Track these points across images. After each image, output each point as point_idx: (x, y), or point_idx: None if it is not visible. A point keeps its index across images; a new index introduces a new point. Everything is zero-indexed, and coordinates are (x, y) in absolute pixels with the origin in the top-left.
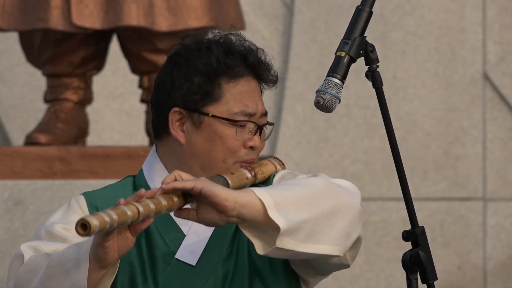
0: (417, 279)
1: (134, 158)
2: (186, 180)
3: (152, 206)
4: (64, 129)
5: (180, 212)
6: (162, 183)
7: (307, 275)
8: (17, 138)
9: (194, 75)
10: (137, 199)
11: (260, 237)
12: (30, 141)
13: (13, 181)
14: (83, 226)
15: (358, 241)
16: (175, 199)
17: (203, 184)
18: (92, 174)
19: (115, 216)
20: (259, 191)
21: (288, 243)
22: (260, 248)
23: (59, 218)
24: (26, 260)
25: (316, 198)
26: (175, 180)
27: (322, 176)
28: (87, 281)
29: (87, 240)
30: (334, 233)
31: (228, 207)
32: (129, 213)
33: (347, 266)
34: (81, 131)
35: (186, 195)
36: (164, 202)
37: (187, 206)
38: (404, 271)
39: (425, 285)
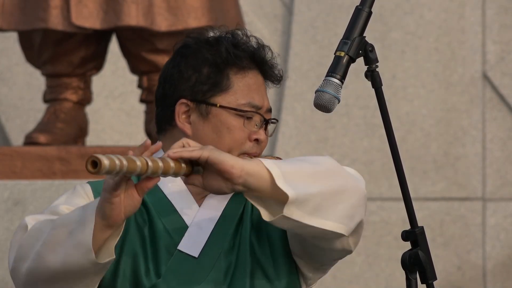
0: (416, 279)
1: None
2: (193, 149)
3: (160, 164)
4: (63, 129)
5: (187, 178)
6: (170, 149)
7: (307, 269)
8: (17, 138)
9: (203, 66)
10: (143, 150)
11: (266, 208)
12: (29, 141)
13: (13, 181)
14: (93, 164)
15: (360, 225)
16: (183, 164)
17: (210, 152)
18: (91, 174)
19: (125, 162)
20: (267, 162)
21: (294, 213)
22: (266, 215)
23: (63, 201)
24: (29, 228)
25: (324, 175)
26: (183, 147)
27: (328, 157)
28: (91, 240)
29: (93, 201)
30: (340, 211)
31: (235, 174)
32: (138, 163)
33: (349, 252)
34: (81, 131)
35: (193, 162)
36: (172, 164)
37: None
38: (404, 271)
39: (425, 285)
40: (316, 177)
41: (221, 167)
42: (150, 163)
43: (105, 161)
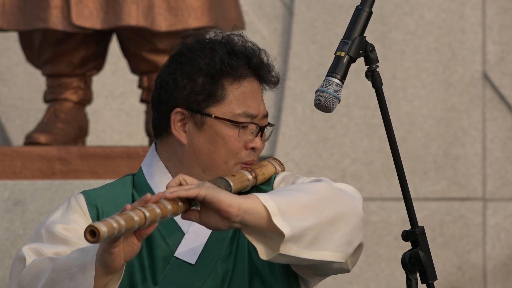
0: (416, 279)
1: (134, 158)
2: (190, 188)
3: (158, 210)
4: (64, 129)
5: (184, 214)
6: (167, 188)
7: (306, 276)
8: (17, 138)
9: (198, 76)
10: (143, 204)
11: (263, 242)
12: (30, 141)
13: (13, 181)
14: (91, 233)
15: (359, 247)
16: (180, 203)
17: (207, 191)
18: (91, 174)
19: (122, 222)
20: (263, 197)
21: (291, 250)
22: (263, 253)
23: (58, 217)
24: (28, 263)
25: (320, 205)
26: (180, 184)
27: (325, 181)
28: (93, 287)
29: (92, 246)
30: (337, 240)
31: (232, 213)
32: (136, 218)
33: (347, 271)
34: (81, 131)
35: (191, 199)
36: (169, 206)
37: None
38: (404, 271)
39: (425, 285)
40: (312, 208)
41: (218, 206)
42: (147, 214)
43: (103, 229)
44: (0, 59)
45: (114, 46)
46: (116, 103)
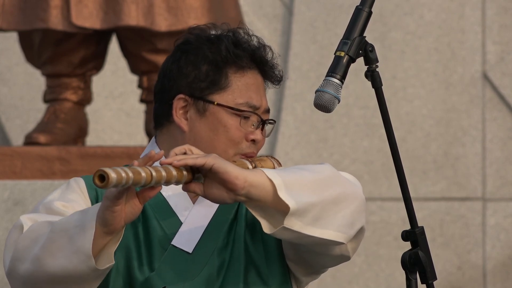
0: (416, 279)
1: (133, 158)
2: (197, 156)
3: (163, 173)
4: (63, 129)
5: (187, 185)
6: (170, 156)
7: (300, 274)
8: (17, 138)
9: (202, 63)
10: (146, 160)
11: (267, 219)
12: (29, 141)
13: (13, 181)
14: (100, 177)
15: (361, 231)
16: (184, 172)
17: (215, 161)
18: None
19: (130, 174)
20: (269, 172)
21: (295, 224)
22: (267, 227)
23: (57, 196)
24: (26, 229)
25: (324, 183)
26: (185, 153)
27: (327, 164)
28: (91, 246)
29: (93, 207)
30: (339, 220)
31: (238, 185)
32: (143, 174)
33: (347, 258)
34: (81, 131)
35: (194, 170)
36: (174, 172)
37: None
38: (404, 271)
39: (425, 285)
40: (316, 185)
41: (225, 176)
42: (154, 174)
43: (112, 175)
44: (0, 59)
45: (114, 46)
46: (116, 103)
